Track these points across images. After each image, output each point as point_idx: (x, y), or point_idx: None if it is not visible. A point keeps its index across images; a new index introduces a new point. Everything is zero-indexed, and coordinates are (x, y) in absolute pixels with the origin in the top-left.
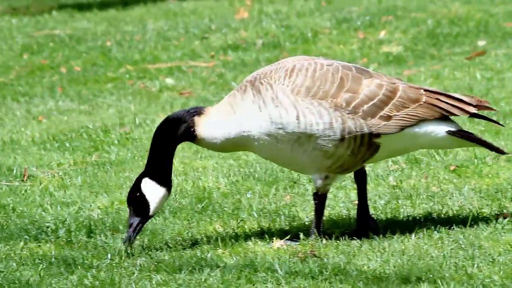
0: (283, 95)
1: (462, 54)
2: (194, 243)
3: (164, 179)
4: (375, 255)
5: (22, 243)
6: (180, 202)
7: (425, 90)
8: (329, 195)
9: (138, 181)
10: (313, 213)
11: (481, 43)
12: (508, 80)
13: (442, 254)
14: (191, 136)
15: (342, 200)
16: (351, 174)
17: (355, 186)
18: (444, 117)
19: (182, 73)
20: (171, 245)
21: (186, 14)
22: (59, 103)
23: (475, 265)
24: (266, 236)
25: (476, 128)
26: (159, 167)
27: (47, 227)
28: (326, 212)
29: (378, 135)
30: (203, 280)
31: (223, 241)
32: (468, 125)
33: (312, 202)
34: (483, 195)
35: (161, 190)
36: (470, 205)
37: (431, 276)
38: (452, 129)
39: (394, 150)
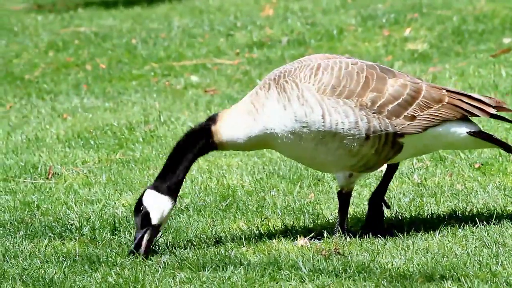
0: (309, 93)
1: (487, 52)
2: (218, 241)
3: (171, 191)
4: (399, 253)
5: (46, 241)
6: (205, 199)
7: (447, 91)
8: (354, 193)
9: (143, 193)
10: (337, 211)
11: (506, 40)
12: None
13: (466, 252)
14: (212, 147)
15: (366, 198)
16: (377, 171)
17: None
18: (465, 118)
19: (207, 71)
20: (195, 243)
21: (212, 11)
22: (84, 101)
23: (499, 263)
24: (290, 234)
25: (502, 126)
26: (169, 179)
27: (72, 224)
28: (351, 209)
29: (402, 135)
30: (226, 277)
31: (247, 239)
32: (493, 123)
33: (336, 200)
34: (508, 193)
35: (164, 203)
36: (495, 203)
37: (455, 274)
38: (473, 130)
39: (416, 150)
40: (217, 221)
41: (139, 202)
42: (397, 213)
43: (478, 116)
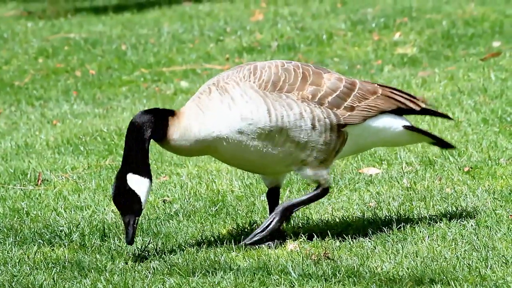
0: (252, 90)
1: (477, 55)
2: (208, 246)
3: (146, 171)
4: (388, 257)
5: (35, 247)
6: (194, 205)
7: (379, 85)
8: (343, 198)
9: (122, 179)
10: (326, 215)
11: (495, 44)
12: None
13: (455, 255)
14: (161, 135)
15: (356, 202)
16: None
17: (369, 188)
18: (399, 113)
19: (197, 76)
20: (184, 248)
21: (202, 16)
22: (74, 107)
23: (489, 267)
24: (280, 238)
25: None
26: (137, 160)
27: (61, 231)
28: (340, 214)
29: (344, 125)
30: (216, 283)
31: (236, 244)
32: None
33: (327, 205)
34: (497, 196)
35: (146, 182)
36: (484, 206)
37: (444, 277)
38: (408, 124)
39: (358, 142)
40: (206, 226)
41: (124, 186)
42: (387, 217)
43: (410, 108)
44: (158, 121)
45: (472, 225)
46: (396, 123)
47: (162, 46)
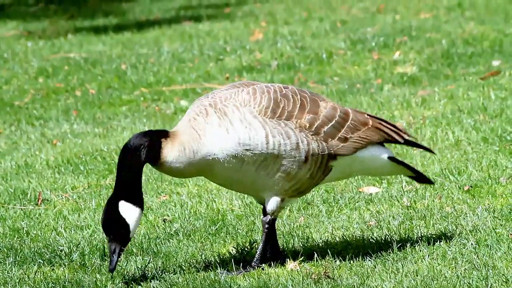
0: (251, 115)
1: (477, 74)
2: (208, 265)
3: (138, 199)
4: (388, 276)
5: (35, 267)
6: (194, 224)
7: (368, 115)
8: (343, 216)
9: (114, 206)
10: (326, 234)
11: (495, 63)
12: None
13: (455, 274)
14: (155, 158)
15: (356, 221)
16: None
17: (369, 207)
18: (382, 143)
19: (197, 95)
20: (184, 268)
21: (201, 36)
22: (74, 126)
23: (489, 286)
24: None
25: (492, 147)
26: (130, 188)
27: (61, 250)
28: (340, 233)
29: (335, 157)
30: None
31: (237, 263)
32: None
33: (327, 223)
34: (497, 215)
35: (137, 211)
36: (484, 225)
37: None
38: (392, 155)
39: (341, 173)
40: (206, 245)
41: (115, 213)
42: (387, 236)
43: (395, 140)
44: (151, 144)
45: (472, 244)
46: (381, 154)
47: (162, 65)
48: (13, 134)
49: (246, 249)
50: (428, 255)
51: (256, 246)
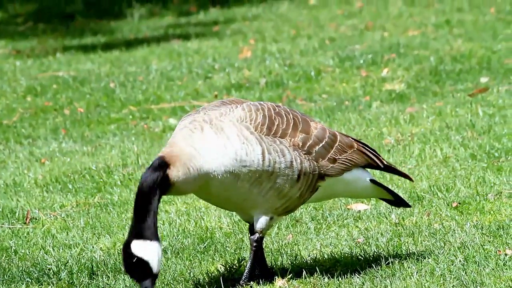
0: (248, 132)
1: (465, 91)
2: (197, 283)
3: (151, 233)
4: None
5: (24, 286)
6: (183, 242)
7: (352, 138)
8: (332, 234)
9: (127, 248)
10: (314, 251)
11: (483, 79)
12: (510, 117)
13: None
14: (166, 188)
15: (344, 238)
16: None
17: (357, 224)
18: (364, 167)
19: (186, 113)
20: (173, 286)
21: (190, 54)
22: (62, 145)
23: None
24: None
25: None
26: (143, 224)
27: (49, 269)
28: (328, 250)
29: (323, 177)
30: None
31: (225, 281)
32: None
33: (315, 241)
34: (485, 232)
35: (154, 245)
36: (472, 242)
37: None
38: (372, 178)
39: (325, 193)
40: (195, 263)
41: (131, 255)
42: (375, 253)
43: (377, 164)
44: (163, 178)
45: (460, 261)
46: (363, 177)
47: (150, 83)
48: (1, 153)
49: (234, 266)
50: (417, 272)
51: (245, 263)
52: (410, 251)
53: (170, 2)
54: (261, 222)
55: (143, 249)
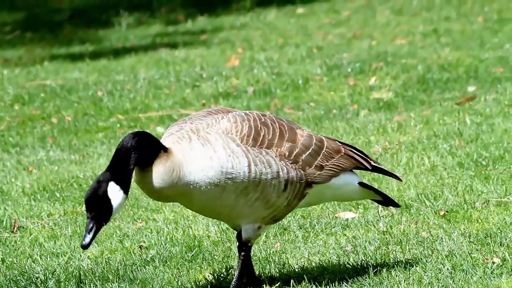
0: (234, 144)
1: (452, 100)
2: None
3: (127, 185)
4: None
5: None
6: (170, 250)
7: (339, 142)
8: (320, 242)
9: (103, 185)
10: (302, 259)
11: (471, 88)
12: (497, 125)
13: None
14: (148, 162)
15: (332, 247)
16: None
17: (345, 232)
18: (352, 170)
19: (173, 122)
20: None
21: (178, 62)
22: (50, 153)
23: None
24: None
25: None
26: (122, 172)
27: (37, 278)
28: (316, 258)
29: (310, 184)
30: None
31: None
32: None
33: (303, 249)
34: (473, 240)
35: (123, 196)
36: (460, 250)
37: None
38: (360, 180)
39: (313, 200)
40: (183, 272)
41: (103, 191)
42: (363, 261)
43: (364, 166)
44: (153, 147)
45: (448, 269)
46: (352, 180)
47: (138, 92)
48: None
49: (222, 275)
50: (404, 280)
51: (233, 272)
52: (398, 259)
53: (158, 11)
54: (248, 231)
55: (115, 194)
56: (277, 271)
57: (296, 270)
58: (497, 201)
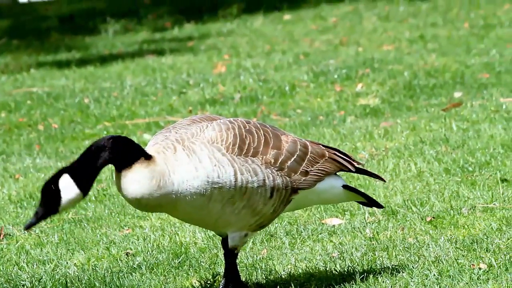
0: (220, 153)
1: (439, 106)
2: None
3: (84, 182)
4: None
5: None
6: (157, 257)
7: (323, 146)
8: (306, 248)
9: (58, 175)
10: (289, 266)
11: (457, 94)
12: (483, 131)
13: None
14: (125, 163)
15: (319, 253)
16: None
17: (332, 238)
18: (336, 173)
19: (160, 129)
20: None
21: (164, 69)
22: (37, 161)
23: None
24: None
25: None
26: (84, 169)
27: (23, 285)
28: (303, 265)
29: (296, 190)
30: None
31: None
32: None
33: (289, 255)
34: (459, 246)
35: (76, 192)
36: (446, 256)
37: None
38: (344, 183)
39: (298, 205)
40: (169, 278)
41: (55, 182)
42: (349, 268)
43: (350, 169)
44: (132, 150)
45: (434, 275)
46: (336, 184)
47: (125, 99)
48: None
49: (209, 282)
50: (391, 286)
51: (219, 279)
52: (385, 266)
53: (145, 18)
54: (235, 239)
55: (67, 187)
56: (264, 277)
57: (283, 276)
58: (483, 207)
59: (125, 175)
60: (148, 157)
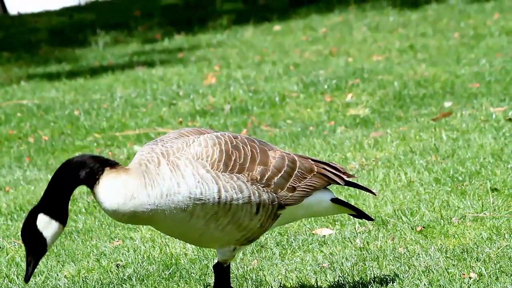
0: (204, 170)
1: (428, 115)
2: None
3: (59, 213)
4: None
5: None
6: (147, 269)
7: (313, 160)
8: (297, 259)
9: (33, 218)
10: (279, 277)
11: (447, 104)
12: (473, 141)
13: None
14: (92, 182)
15: (309, 264)
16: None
17: (322, 249)
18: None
19: (150, 140)
20: None
21: (154, 81)
22: (27, 173)
23: None
24: None
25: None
26: (55, 201)
27: None
28: (294, 275)
29: (283, 206)
30: None
31: None
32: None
33: (280, 265)
34: (449, 255)
35: (56, 226)
36: (437, 266)
37: None
38: (333, 197)
39: (287, 219)
40: None
41: (33, 225)
42: (340, 278)
43: (338, 183)
44: (94, 166)
45: (425, 284)
46: (325, 198)
47: (115, 110)
48: None
49: None
50: None
51: None
52: (375, 276)
53: (135, 30)
54: (225, 253)
55: (46, 225)
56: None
57: (273, 287)
58: (473, 216)
59: (96, 191)
60: (114, 165)
